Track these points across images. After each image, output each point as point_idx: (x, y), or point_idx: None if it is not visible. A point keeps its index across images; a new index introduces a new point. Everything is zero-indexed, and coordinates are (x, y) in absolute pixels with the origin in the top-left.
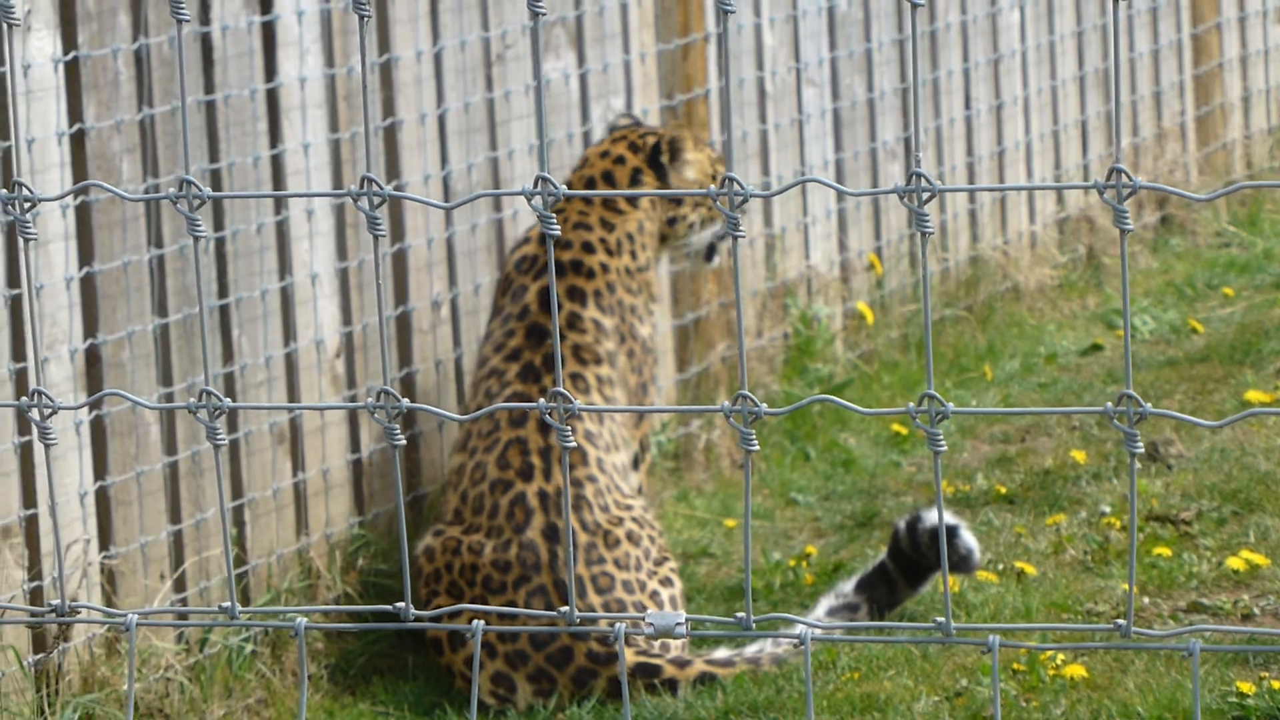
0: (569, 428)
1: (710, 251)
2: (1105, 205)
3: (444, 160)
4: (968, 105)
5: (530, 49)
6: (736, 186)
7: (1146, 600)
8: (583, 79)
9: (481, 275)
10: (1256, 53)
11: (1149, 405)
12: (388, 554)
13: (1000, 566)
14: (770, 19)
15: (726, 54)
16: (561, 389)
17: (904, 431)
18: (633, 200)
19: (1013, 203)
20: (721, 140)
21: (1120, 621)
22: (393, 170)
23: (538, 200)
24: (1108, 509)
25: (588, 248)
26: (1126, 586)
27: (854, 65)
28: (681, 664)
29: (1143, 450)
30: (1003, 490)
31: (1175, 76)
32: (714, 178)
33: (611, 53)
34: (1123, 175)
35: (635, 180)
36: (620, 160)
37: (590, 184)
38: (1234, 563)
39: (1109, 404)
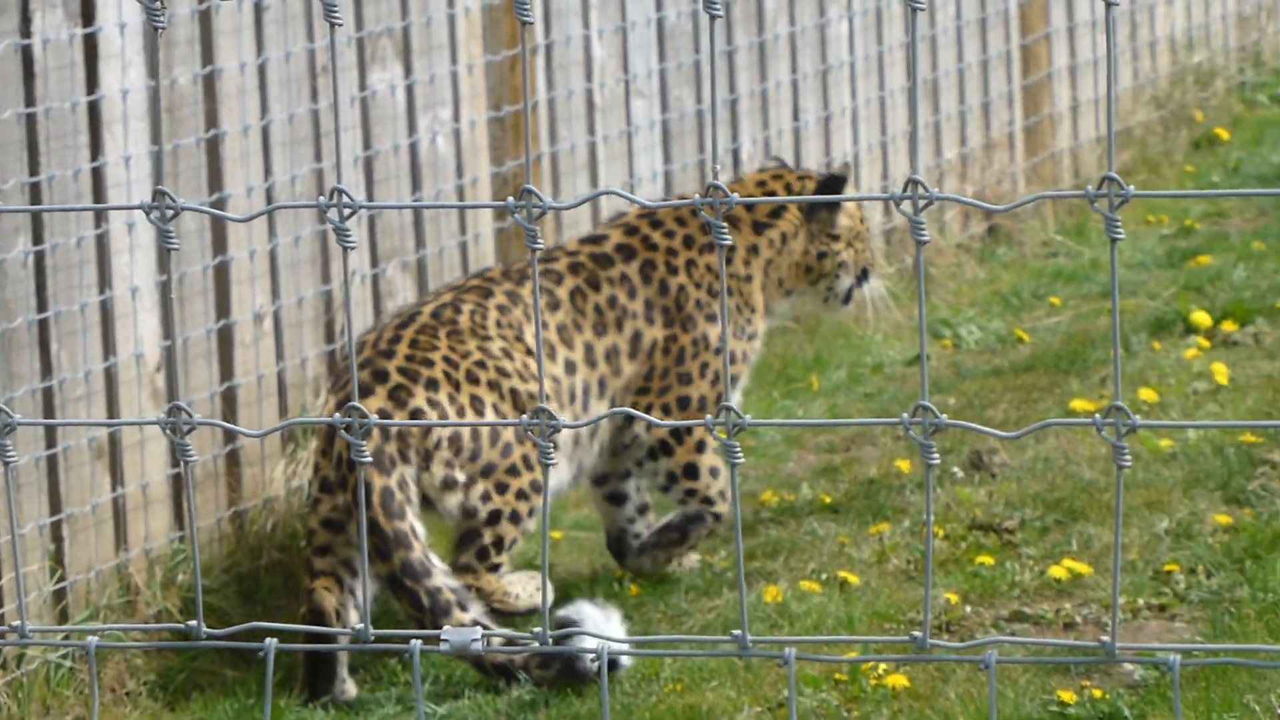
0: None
1: (848, 295)
2: (930, 216)
3: (268, 172)
4: (796, 116)
5: (354, 60)
6: (534, 199)
7: (969, 609)
8: (409, 90)
9: (305, 288)
10: (1086, 62)
11: (944, 417)
12: (208, 568)
13: (823, 576)
14: (599, 30)
15: (526, 70)
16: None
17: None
18: (778, 214)
19: None
20: (551, 151)
21: (916, 634)
22: (215, 182)
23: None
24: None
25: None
26: (949, 596)
27: (683, 77)
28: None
29: (938, 462)
30: (827, 500)
31: (1004, 87)
32: (862, 220)
33: (439, 64)
34: (919, 187)
35: (777, 213)
36: (772, 194)
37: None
38: (1056, 571)
39: (905, 414)
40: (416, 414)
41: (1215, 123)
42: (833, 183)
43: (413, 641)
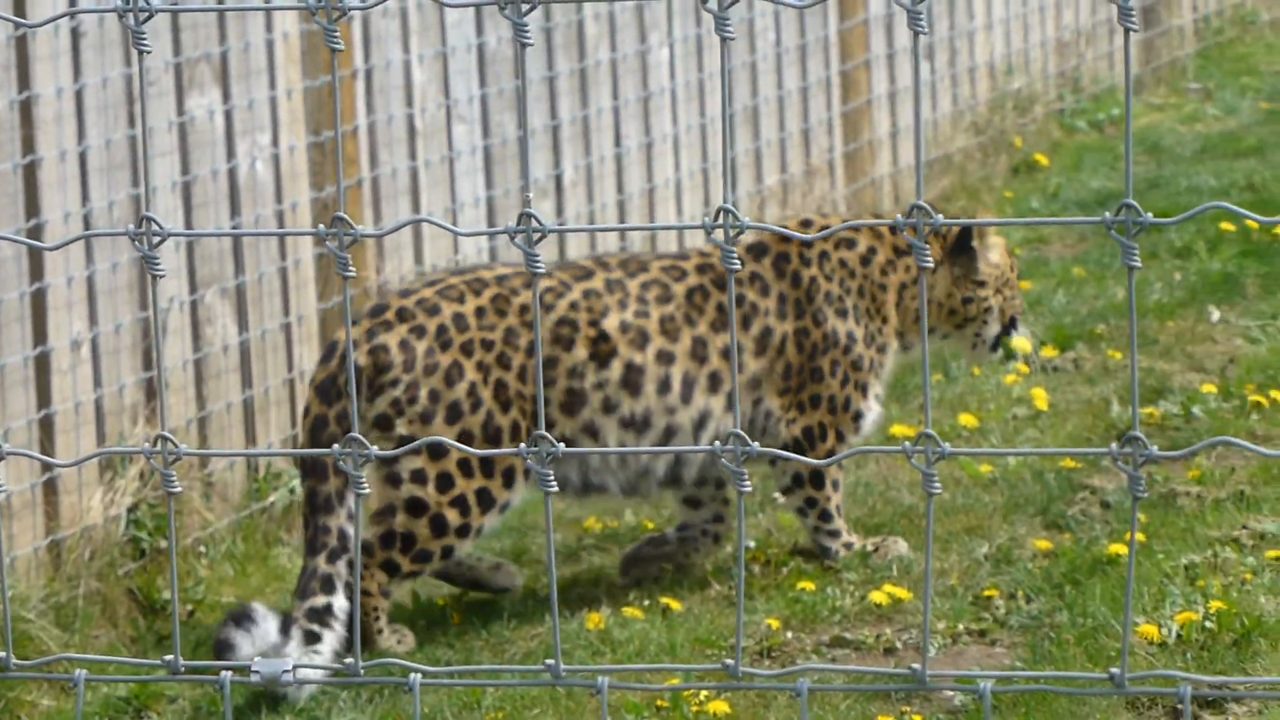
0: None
1: (996, 342)
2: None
3: (85, 198)
4: (618, 143)
5: (172, 85)
6: (346, 227)
7: (790, 635)
8: (228, 115)
9: (123, 315)
10: (905, 88)
11: (755, 445)
12: (25, 598)
13: (646, 603)
14: (419, 55)
15: (338, 97)
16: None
17: None
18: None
19: (661, 241)
20: (372, 176)
21: (729, 662)
22: (33, 208)
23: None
24: (752, 543)
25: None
26: (770, 622)
27: (504, 102)
28: None
29: (750, 489)
30: (650, 526)
31: (824, 113)
32: (1012, 268)
33: (257, 89)
34: (730, 215)
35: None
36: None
37: (893, 229)
38: (877, 596)
39: (716, 443)
40: (380, 347)
41: (1034, 148)
42: (963, 231)
43: (223, 674)
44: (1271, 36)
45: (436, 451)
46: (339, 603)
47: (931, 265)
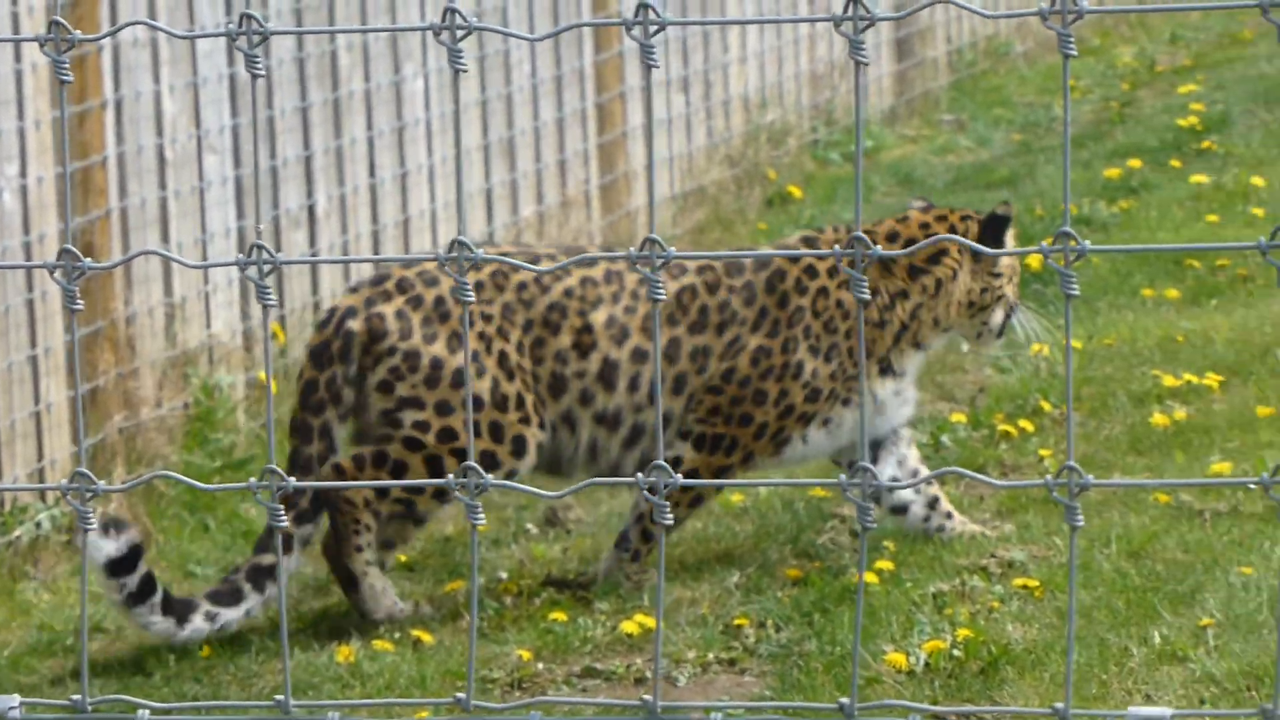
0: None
1: (1002, 329)
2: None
3: None
4: (372, 173)
5: None
6: (74, 259)
7: (541, 666)
8: None
9: None
10: (659, 121)
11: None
12: None
13: (396, 635)
14: (170, 86)
15: (64, 129)
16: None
17: None
18: (937, 260)
19: None
20: (121, 206)
21: (460, 695)
22: None
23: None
24: (504, 574)
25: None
26: (522, 653)
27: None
28: None
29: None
30: (403, 559)
31: (580, 145)
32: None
33: (5, 119)
34: (465, 248)
35: (936, 259)
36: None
37: (906, 242)
38: (628, 626)
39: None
40: (376, 315)
41: (788, 180)
42: (996, 222)
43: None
44: (1024, 68)
45: (443, 408)
46: (290, 564)
47: (869, 297)
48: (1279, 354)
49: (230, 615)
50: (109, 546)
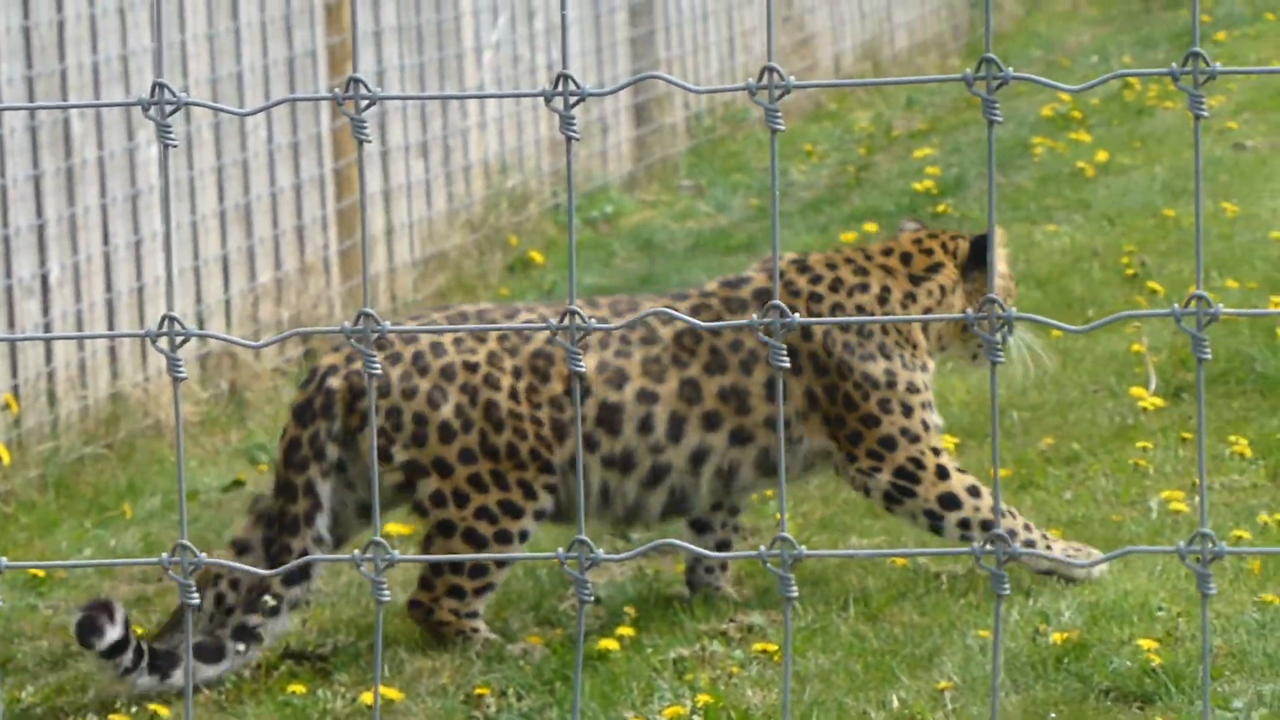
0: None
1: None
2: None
3: None
4: (106, 241)
5: None
6: None
7: None
8: None
9: None
10: (399, 186)
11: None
12: None
13: (134, 709)
14: None
15: None
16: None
17: (41, 575)
18: (935, 271)
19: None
20: None
21: None
22: None
23: None
24: (241, 647)
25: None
26: None
27: None
28: None
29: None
30: (140, 631)
31: (318, 211)
32: (1010, 276)
33: None
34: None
35: (935, 270)
36: (930, 252)
37: (904, 258)
38: (367, 697)
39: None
40: (355, 374)
41: (530, 245)
42: (985, 242)
43: None
44: (762, 133)
45: (444, 469)
46: (278, 626)
47: (788, 364)
48: (1014, 416)
49: (210, 672)
50: (112, 633)
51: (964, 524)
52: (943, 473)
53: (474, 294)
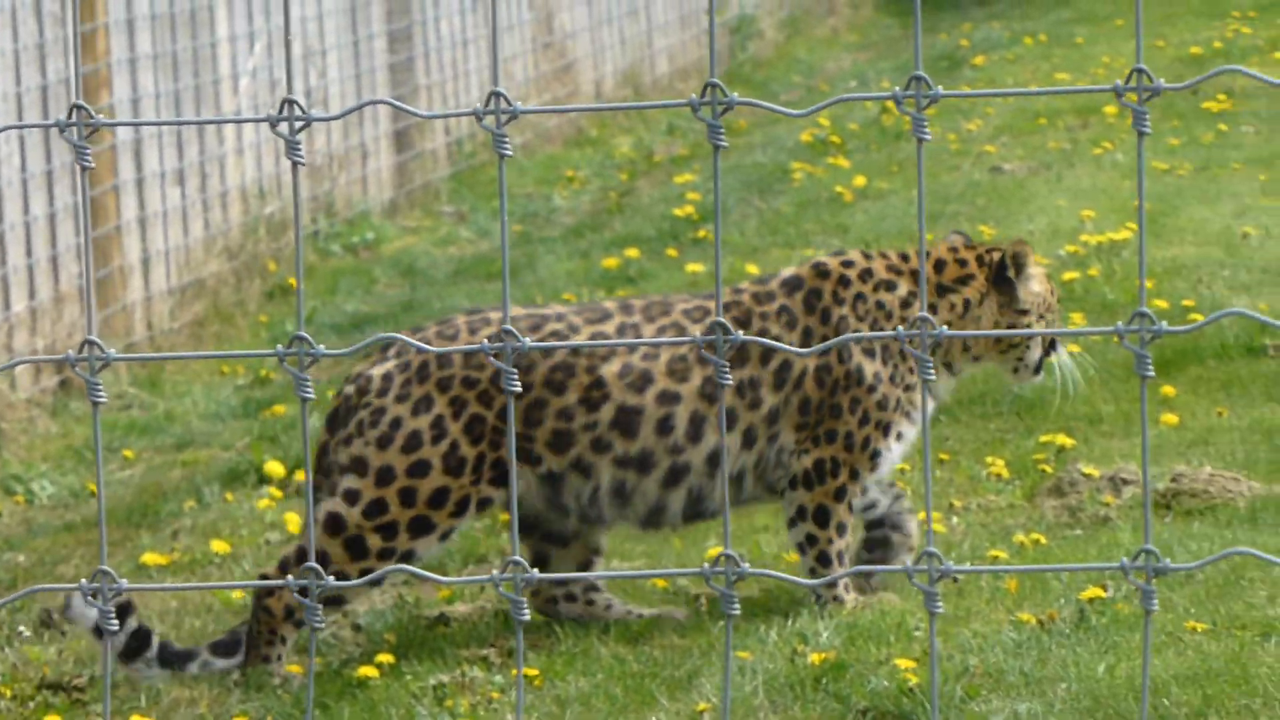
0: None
1: (1039, 366)
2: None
3: None
4: None
5: None
6: None
7: None
8: None
9: None
10: (155, 214)
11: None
12: None
13: None
14: None
15: None
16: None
17: None
18: (964, 283)
19: None
20: None
21: None
22: None
23: None
24: None
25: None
26: None
27: None
28: None
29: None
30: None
31: (73, 239)
32: (1052, 291)
33: None
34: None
35: (964, 281)
36: (964, 263)
37: (937, 265)
38: None
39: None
40: (365, 377)
41: (289, 272)
42: (1015, 259)
43: None
44: (523, 160)
45: (384, 478)
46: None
47: (730, 381)
48: None
49: (223, 664)
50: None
51: (811, 540)
52: (840, 493)
53: (232, 321)
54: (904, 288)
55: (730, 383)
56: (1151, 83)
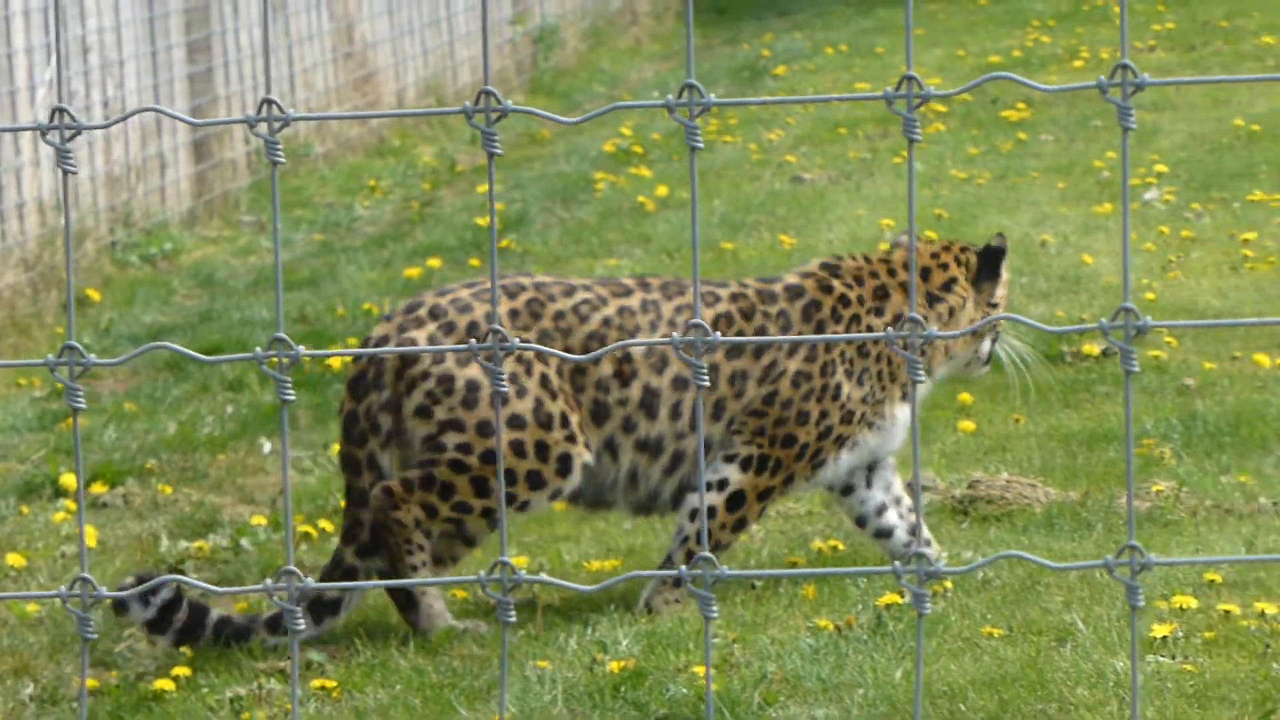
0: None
1: (989, 358)
2: None
3: None
4: None
5: None
6: None
7: None
8: None
9: None
10: None
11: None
12: None
13: None
14: None
15: None
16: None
17: None
18: (949, 289)
19: None
20: None
21: None
22: None
23: None
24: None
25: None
26: None
27: None
28: None
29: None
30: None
31: None
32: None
33: None
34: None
35: (949, 286)
36: (945, 267)
37: (923, 274)
38: None
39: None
40: (408, 341)
41: (86, 284)
42: (993, 254)
43: None
44: (325, 169)
45: (484, 429)
46: (354, 598)
47: (707, 383)
48: None
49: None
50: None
51: (693, 515)
52: (768, 492)
53: (29, 333)
54: (889, 313)
55: (706, 384)
56: (921, 90)
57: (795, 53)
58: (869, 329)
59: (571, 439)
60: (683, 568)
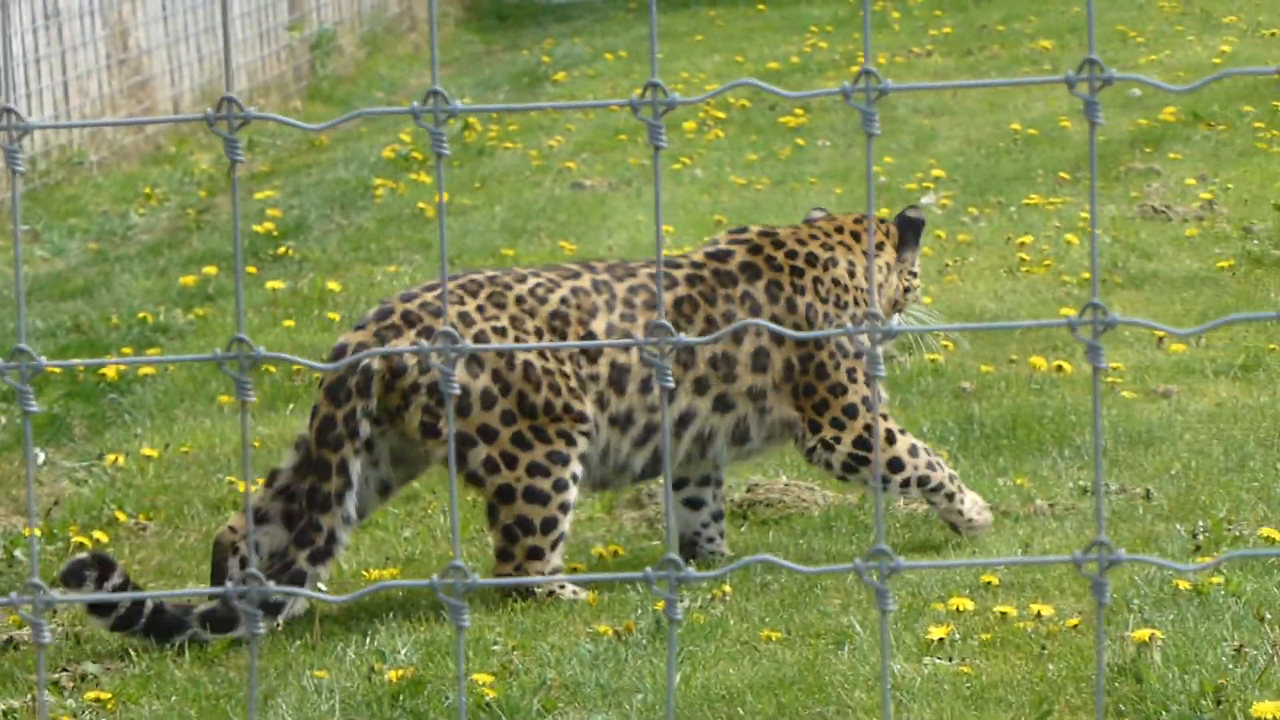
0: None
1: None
2: None
3: None
4: None
5: None
6: None
7: None
8: None
9: None
10: None
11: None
12: None
13: None
14: None
15: None
16: None
17: None
18: (879, 249)
19: None
20: None
21: None
22: None
23: None
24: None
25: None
26: None
27: None
28: None
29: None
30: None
31: None
32: None
33: None
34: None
35: (880, 250)
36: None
37: (854, 237)
38: None
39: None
40: (360, 348)
41: None
42: (913, 224)
43: None
44: (99, 177)
45: (489, 435)
46: (297, 606)
47: (672, 385)
48: None
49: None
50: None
51: (906, 485)
52: (890, 437)
53: None
54: (842, 261)
55: (672, 385)
56: (666, 96)
57: (575, 59)
58: (834, 281)
59: (558, 419)
60: (435, 576)
